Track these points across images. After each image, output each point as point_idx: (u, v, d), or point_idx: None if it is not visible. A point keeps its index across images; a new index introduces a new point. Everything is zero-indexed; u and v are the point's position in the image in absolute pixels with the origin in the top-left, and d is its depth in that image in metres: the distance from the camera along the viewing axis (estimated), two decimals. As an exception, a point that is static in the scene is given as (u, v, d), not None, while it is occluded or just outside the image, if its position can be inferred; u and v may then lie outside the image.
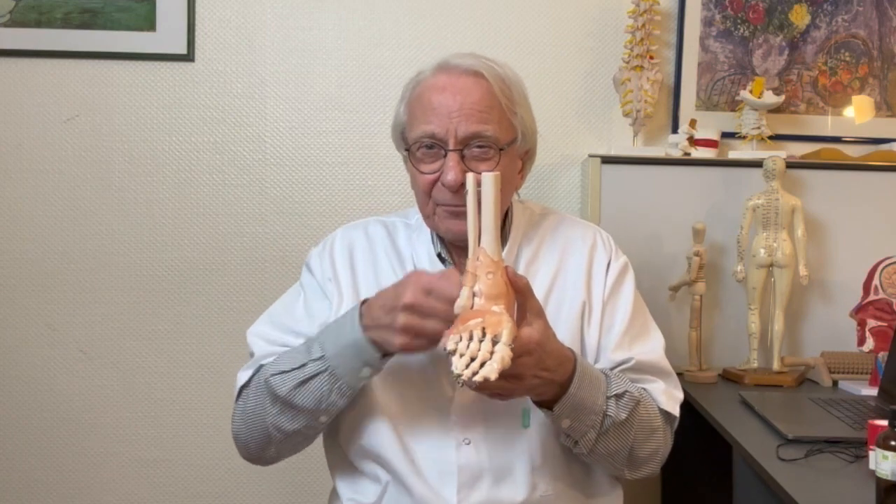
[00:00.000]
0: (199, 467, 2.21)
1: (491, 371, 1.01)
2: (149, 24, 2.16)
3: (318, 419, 1.26)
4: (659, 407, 1.32)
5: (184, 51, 2.16)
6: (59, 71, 2.17)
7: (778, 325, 2.00)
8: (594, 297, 1.36)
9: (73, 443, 2.20)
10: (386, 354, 1.20)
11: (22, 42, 2.14)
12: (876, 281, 1.92)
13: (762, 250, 2.00)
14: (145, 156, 2.18)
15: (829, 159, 2.10)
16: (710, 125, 2.14)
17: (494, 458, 1.28)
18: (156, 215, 2.19)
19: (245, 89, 2.19)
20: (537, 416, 1.27)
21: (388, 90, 2.18)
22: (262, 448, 1.32)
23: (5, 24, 2.15)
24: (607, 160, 2.07)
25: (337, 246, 1.40)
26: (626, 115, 2.11)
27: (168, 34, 2.16)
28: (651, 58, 2.11)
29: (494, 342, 1.04)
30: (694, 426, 1.78)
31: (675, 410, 1.34)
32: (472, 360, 1.02)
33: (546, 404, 1.21)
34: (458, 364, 1.02)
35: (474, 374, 1.01)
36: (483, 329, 1.04)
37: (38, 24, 2.15)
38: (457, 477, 1.26)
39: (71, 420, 2.19)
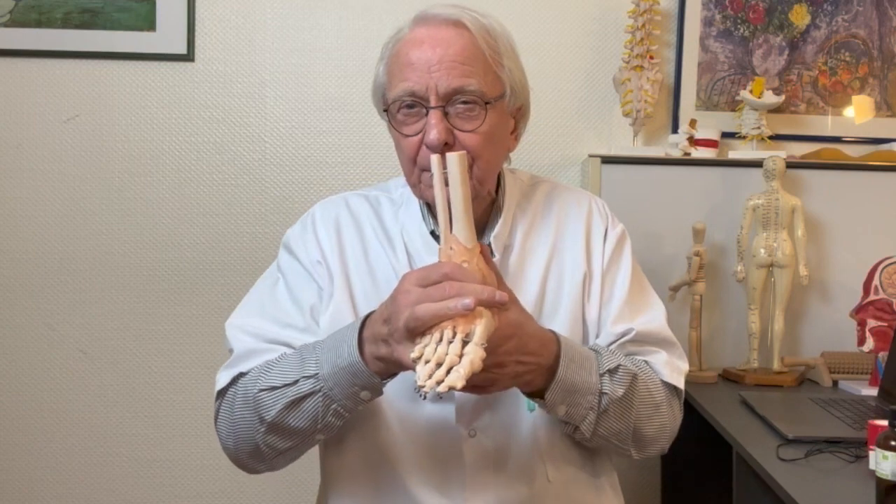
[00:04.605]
0: (199, 467, 2.21)
1: (457, 378, 0.90)
2: (149, 24, 2.15)
3: (313, 438, 1.16)
4: (662, 380, 1.24)
5: (184, 51, 2.16)
6: (59, 71, 2.17)
7: (778, 325, 2.00)
8: (594, 268, 1.28)
9: (73, 443, 2.20)
10: (387, 377, 1.10)
11: (22, 42, 2.14)
12: (876, 281, 1.92)
13: (762, 250, 2.00)
14: (145, 156, 2.18)
15: (829, 159, 2.10)
16: (710, 125, 2.14)
17: (501, 447, 1.22)
18: (155, 215, 2.19)
19: (245, 89, 2.19)
20: None
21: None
22: (255, 462, 1.22)
23: (5, 24, 2.15)
24: (607, 160, 2.07)
25: (320, 225, 1.29)
26: (626, 115, 2.11)
27: (168, 34, 2.16)
28: (651, 58, 2.11)
29: (466, 342, 0.93)
30: (694, 426, 1.78)
31: (680, 383, 1.26)
32: (440, 365, 0.91)
33: (538, 394, 1.13)
34: (420, 373, 0.91)
35: (439, 382, 0.90)
36: (454, 328, 0.94)
37: (38, 24, 2.15)
38: (463, 471, 1.21)
39: (71, 420, 2.19)
